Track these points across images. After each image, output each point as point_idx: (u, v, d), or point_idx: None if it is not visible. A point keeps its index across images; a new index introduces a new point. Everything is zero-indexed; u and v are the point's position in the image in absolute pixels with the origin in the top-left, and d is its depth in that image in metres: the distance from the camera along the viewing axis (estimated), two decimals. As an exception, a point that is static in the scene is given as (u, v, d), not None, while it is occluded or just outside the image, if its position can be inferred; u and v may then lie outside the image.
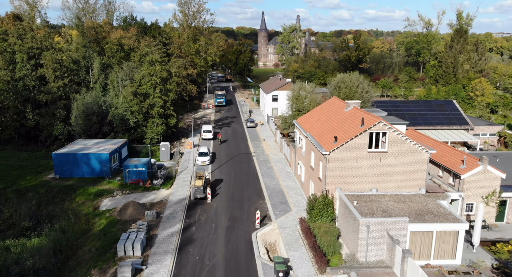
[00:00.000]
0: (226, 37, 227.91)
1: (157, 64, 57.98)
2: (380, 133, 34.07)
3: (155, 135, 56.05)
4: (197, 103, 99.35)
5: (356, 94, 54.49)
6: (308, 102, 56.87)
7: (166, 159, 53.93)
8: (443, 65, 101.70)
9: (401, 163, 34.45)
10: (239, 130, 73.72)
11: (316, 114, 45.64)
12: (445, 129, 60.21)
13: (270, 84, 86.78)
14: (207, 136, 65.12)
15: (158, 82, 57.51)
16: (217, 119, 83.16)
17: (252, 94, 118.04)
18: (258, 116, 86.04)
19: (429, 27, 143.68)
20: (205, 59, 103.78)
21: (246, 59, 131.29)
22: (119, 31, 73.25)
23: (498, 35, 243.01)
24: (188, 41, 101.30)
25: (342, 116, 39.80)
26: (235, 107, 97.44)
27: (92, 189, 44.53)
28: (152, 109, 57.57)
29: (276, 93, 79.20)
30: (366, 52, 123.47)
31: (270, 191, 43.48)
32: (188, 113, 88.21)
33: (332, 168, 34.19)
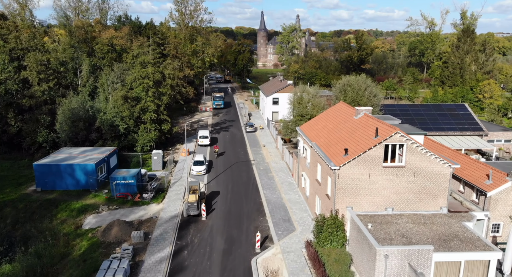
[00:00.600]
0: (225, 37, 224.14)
1: (150, 66, 53.78)
2: (396, 145, 29.95)
3: (147, 142, 51.87)
4: (194, 105, 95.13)
5: (364, 98, 50.42)
6: (312, 106, 52.73)
7: (158, 168, 49.76)
8: (450, 66, 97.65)
9: (420, 179, 30.34)
10: (237, 135, 69.56)
11: (321, 121, 41.48)
12: (457, 135, 56.11)
13: (270, 86, 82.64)
14: (204, 142, 60.95)
15: (151, 85, 53.34)
16: (215, 123, 78.97)
17: (252, 95, 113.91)
18: (258, 119, 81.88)
19: (432, 27, 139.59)
20: (202, 60, 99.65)
21: (245, 60, 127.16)
22: (110, 30, 69.06)
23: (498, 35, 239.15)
24: (185, 41, 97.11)
25: (351, 124, 35.65)
26: (233, 109, 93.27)
27: (76, 204, 40.35)
28: (144, 114, 53.41)
29: (276, 96, 75.07)
30: (368, 53, 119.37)
31: (271, 206, 39.34)
32: (185, 116, 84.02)
33: (342, 185, 30.05)
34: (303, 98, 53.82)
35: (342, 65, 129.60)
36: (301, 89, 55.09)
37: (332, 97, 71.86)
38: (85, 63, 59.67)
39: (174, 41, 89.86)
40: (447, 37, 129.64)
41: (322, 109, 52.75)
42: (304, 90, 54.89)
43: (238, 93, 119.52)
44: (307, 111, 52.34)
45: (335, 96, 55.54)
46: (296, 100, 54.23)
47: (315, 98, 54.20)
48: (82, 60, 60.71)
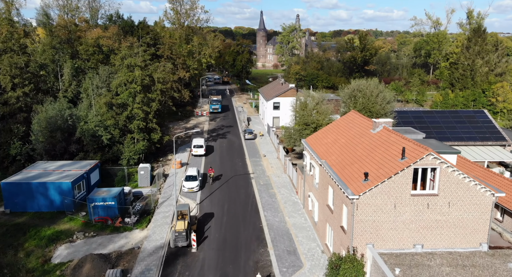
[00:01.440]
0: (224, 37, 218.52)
1: (137, 69, 48.07)
2: (428, 169, 24.32)
3: (133, 155, 46.15)
4: (190, 109, 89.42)
5: (376, 105, 44.78)
6: (317, 114, 47.09)
7: (145, 184, 44.09)
8: (460, 67, 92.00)
9: (456, 210, 24.70)
10: (235, 142, 63.87)
11: (331, 133, 35.79)
12: (478, 145, 50.50)
13: (271, 90, 76.96)
14: (198, 152, 55.26)
15: (138, 90, 47.64)
16: (212, 128, 73.26)
17: (251, 98, 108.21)
18: (257, 125, 76.18)
19: (437, 27, 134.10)
20: (199, 61, 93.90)
21: (244, 61, 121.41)
22: (96, 30, 63.31)
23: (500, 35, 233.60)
24: (180, 42, 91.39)
25: (368, 140, 29.97)
26: (231, 114, 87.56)
27: (47, 230, 34.67)
28: (131, 123, 47.73)
29: (277, 100, 69.40)
30: (373, 53, 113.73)
31: (273, 233, 33.68)
32: (179, 122, 78.31)
33: (362, 218, 24.39)
34: (307, 105, 48.17)
35: (345, 66, 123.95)
36: (305, 94, 49.42)
37: (339, 102, 66.31)
38: (67, 66, 53.87)
39: (169, 42, 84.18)
40: (454, 37, 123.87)
41: (330, 120, 47.11)
42: (308, 95, 49.23)
43: (237, 95, 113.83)
44: (312, 119, 46.69)
45: (343, 102, 49.86)
46: (299, 106, 48.57)
47: (321, 104, 48.52)
48: (64, 62, 54.91)
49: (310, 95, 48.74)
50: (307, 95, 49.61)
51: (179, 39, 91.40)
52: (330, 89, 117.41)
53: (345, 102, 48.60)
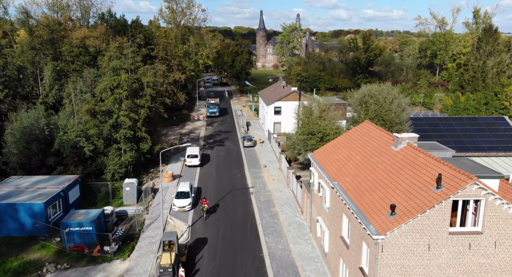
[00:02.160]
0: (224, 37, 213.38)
1: (123, 73, 43.13)
2: (469, 201, 19.46)
3: (119, 168, 41.22)
4: (186, 113, 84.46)
5: (390, 113, 39.86)
6: (324, 122, 42.17)
7: (131, 201, 39.18)
8: (470, 69, 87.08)
9: (504, 251, 19.84)
10: (234, 150, 58.95)
11: (343, 147, 30.86)
12: (500, 156, 45.58)
13: (271, 93, 72.00)
14: (193, 163, 50.34)
15: (125, 96, 42.69)
16: (208, 134, 68.28)
17: (250, 100, 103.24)
18: (257, 130, 71.24)
19: (443, 26, 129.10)
20: (195, 62, 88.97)
21: (243, 61, 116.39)
22: (83, 29, 58.32)
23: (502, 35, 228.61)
24: (176, 42, 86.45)
25: (390, 159, 25.07)
26: (230, 118, 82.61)
27: (14, 260, 29.76)
28: (117, 132, 42.79)
29: (279, 104, 64.45)
30: (377, 54, 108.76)
31: (276, 265, 28.78)
32: (174, 127, 73.33)
33: (388, 261, 19.50)
34: (312, 112, 43.24)
35: (348, 67, 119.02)
36: (309, 99, 44.50)
37: (345, 107, 61.55)
38: (48, 68, 48.86)
39: (163, 42, 79.24)
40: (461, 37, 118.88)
41: (338, 128, 42.21)
42: (313, 100, 44.31)
43: (236, 98, 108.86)
44: (319, 128, 41.76)
45: (353, 109, 44.89)
46: (303, 113, 43.64)
47: (328, 111, 43.59)
48: (45, 65, 49.92)
49: (316, 100, 43.79)
50: (311, 100, 44.67)
51: (175, 39, 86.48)
52: (333, 91, 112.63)
53: (355, 109, 43.66)
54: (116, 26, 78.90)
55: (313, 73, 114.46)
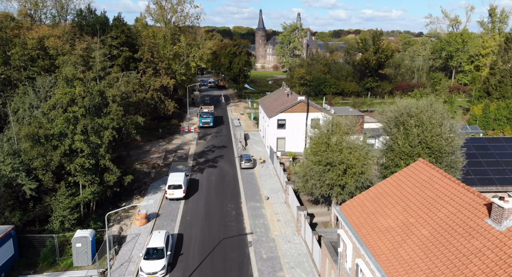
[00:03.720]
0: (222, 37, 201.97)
1: (77, 83, 31.95)
2: None
3: (69, 214, 30.07)
4: (175, 123, 73.27)
5: (439, 140, 28.77)
6: (348, 149, 31.08)
7: (85, 262, 28.10)
8: (497, 72, 76.06)
9: None
10: (229, 174, 47.88)
11: (392, 205, 19.75)
12: None
13: (274, 102, 60.75)
14: (175, 195, 39.24)
15: (81, 114, 31.56)
16: (199, 151, 57.12)
17: (249, 107, 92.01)
18: (257, 145, 60.09)
19: (456, 25, 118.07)
20: (187, 65, 77.79)
21: (241, 63, 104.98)
22: (42, 27, 47.15)
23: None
24: (165, 42, 75.29)
25: (493, 247, 13.95)
26: (226, 129, 71.46)
27: None
28: (71, 162, 31.69)
29: (283, 116, 53.31)
30: (388, 55, 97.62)
31: None
32: (160, 141, 62.08)
33: None
34: (331, 136, 32.09)
35: (355, 69, 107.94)
36: (327, 121, 33.32)
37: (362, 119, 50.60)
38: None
39: (149, 42, 68.06)
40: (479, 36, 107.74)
41: (366, 157, 31.09)
42: (331, 122, 33.15)
43: (233, 103, 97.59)
44: (341, 158, 30.66)
45: (385, 132, 33.72)
46: (319, 138, 32.46)
47: (351, 131, 32.52)
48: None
49: (335, 122, 32.58)
50: (328, 121, 33.44)
51: (163, 39, 75.30)
52: (340, 95, 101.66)
53: (389, 132, 32.52)
54: (94, 24, 67.75)
55: (317, 76, 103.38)
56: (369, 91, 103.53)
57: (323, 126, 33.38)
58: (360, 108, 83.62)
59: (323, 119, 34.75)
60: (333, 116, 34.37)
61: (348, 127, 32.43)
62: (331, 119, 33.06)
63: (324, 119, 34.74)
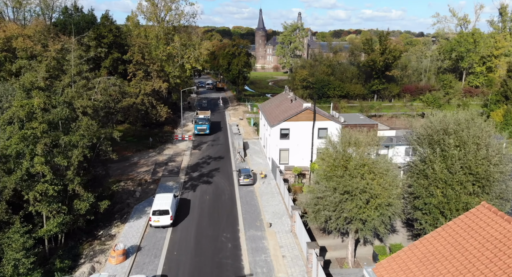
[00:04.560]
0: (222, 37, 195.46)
1: (36, 93, 25.81)
2: None
3: (24, 257, 23.89)
4: (169, 130, 67.12)
5: (486, 164, 22.70)
6: (370, 173, 24.95)
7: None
8: (516, 75, 69.98)
9: None
10: (225, 192, 41.77)
11: (450, 273, 13.58)
12: None
13: (276, 108, 54.55)
14: (161, 222, 33.05)
15: (42, 130, 25.45)
16: (193, 164, 51.00)
17: (249, 111, 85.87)
18: (257, 156, 53.99)
19: (465, 25, 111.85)
20: (181, 67, 71.65)
21: (240, 64, 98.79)
22: (10, 25, 41.00)
23: None
24: (158, 42, 69.18)
25: None
26: (223, 136, 65.34)
27: None
28: (30, 190, 25.59)
29: (286, 125, 47.17)
30: (397, 56, 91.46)
31: None
32: (150, 151, 55.88)
33: None
34: (349, 159, 25.90)
35: (360, 70, 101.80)
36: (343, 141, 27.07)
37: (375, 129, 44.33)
38: None
39: (140, 42, 61.96)
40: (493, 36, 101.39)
41: (393, 183, 24.93)
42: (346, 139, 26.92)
43: (232, 107, 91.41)
44: (362, 185, 24.53)
45: (415, 153, 27.55)
46: (334, 160, 26.27)
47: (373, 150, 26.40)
48: None
49: (353, 140, 26.34)
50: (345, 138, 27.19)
51: (156, 39, 69.17)
52: (344, 98, 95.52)
53: (421, 154, 26.38)
54: (79, 23, 61.68)
55: (320, 78, 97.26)
56: (375, 94, 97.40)
57: (338, 144, 27.20)
58: (368, 112, 77.50)
59: (337, 135, 28.57)
60: (348, 130, 28.13)
61: (369, 145, 26.27)
62: (348, 136, 26.82)
63: (338, 134, 28.54)
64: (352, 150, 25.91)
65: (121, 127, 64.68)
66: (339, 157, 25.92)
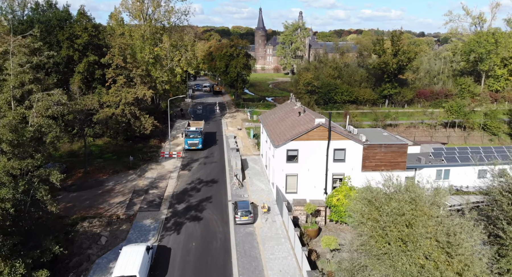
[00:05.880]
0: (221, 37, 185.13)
1: None
2: None
3: None
4: (155, 144, 57.30)
5: None
6: (440, 249, 15.20)
7: None
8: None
9: None
10: (217, 236, 32.08)
11: None
12: None
13: (280, 122, 44.59)
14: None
15: None
16: (180, 190, 41.23)
17: (248, 119, 76.03)
18: (258, 180, 44.21)
19: (480, 24, 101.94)
20: (171, 71, 61.87)
21: (239, 67, 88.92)
22: None
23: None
24: (143, 43, 59.41)
25: None
26: (219, 151, 55.57)
27: None
28: None
29: (294, 146, 37.35)
30: (411, 58, 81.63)
31: None
32: (130, 173, 46.06)
33: None
34: (412, 224, 16.15)
35: (370, 73, 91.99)
36: (400, 198, 17.26)
37: (404, 150, 35.14)
38: None
39: (120, 42, 52.14)
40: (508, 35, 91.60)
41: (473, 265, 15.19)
42: (406, 199, 17.12)
43: (229, 114, 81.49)
44: (427, 267, 14.79)
45: (497, 213, 17.90)
46: (383, 230, 16.54)
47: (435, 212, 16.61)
48: None
49: (411, 198, 16.56)
50: (402, 196, 17.40)
51: (141, 39, 59.37)
52: (353, 104, 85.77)
53: (506, 213, 16.75)
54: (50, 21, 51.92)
55: (327, 82, 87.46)
56: (387, 99, 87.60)
57: (385, 204, 17.38)
58: (383, 122, 67.68)
59: (386, 184, 18.69)
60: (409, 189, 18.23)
61: (433, 206, 16.51)
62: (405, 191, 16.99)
63: (386, 185, 18.65)
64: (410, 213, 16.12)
65: (99, 142, 55.01)
66: (393, 221, 16.14)
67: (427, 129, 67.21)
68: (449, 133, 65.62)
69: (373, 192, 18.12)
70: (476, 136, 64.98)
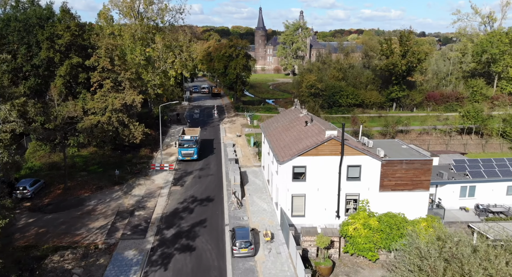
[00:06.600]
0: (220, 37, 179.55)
1: None
2: None
3: None
4: (146, 154, 51.90)
5: None
6: None
7: None
8: None
9: None
10: (210, 271, 26.77)
11: None
12: None
13: (284, 133, 39.17)
14: None
15: None
16: (169, 212, 35.86)
17: (248, 124, 70.67)
18: (260, 196, 38.88)
19: (490, 23, 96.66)
20: (164, 74, 56.50)
21: (238, 68, 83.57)
22: None
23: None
24: (134, 44, 54.06)
25: None
26: (216, 161, 50.23)
27: None
28: None
29: (301, 162, 31.98)
30: (422, 59, 76.28)
31: None
32: (115, 189, 40.65)
33: None
34: None
35: (376, 75, 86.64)
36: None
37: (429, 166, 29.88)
38: None
39: (107, 43, 46.77)
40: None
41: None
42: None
43: (228, 118, 76.07)
44: None
45: None
46: None
47: None
48: None
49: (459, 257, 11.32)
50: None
51: (132, 39, 54.02)
52: (359, 107, 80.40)
53: None
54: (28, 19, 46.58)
55: (331, 84, 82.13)
56: (395, 102, 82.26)
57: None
58: (394, 128, 62.26)
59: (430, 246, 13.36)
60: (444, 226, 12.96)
61: None
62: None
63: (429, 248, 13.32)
64: None
65: (84, 152, 49.65)
66: None
67: (441, 136, 61.83)
68: (465, 141, 60.28)
69: (422, 251, 12.78)
70: (494, 144, 59.70)
